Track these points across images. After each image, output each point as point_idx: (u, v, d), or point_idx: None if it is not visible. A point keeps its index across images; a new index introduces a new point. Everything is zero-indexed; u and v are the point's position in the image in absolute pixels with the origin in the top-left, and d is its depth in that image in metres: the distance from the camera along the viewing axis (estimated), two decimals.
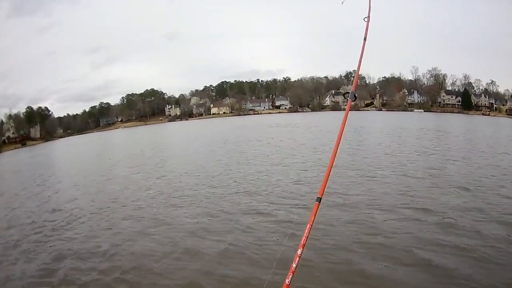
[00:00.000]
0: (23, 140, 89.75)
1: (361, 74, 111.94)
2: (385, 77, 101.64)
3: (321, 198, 2.38)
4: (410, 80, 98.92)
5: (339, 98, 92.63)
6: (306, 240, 2.27)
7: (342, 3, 3.35)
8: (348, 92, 2.70)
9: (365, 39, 2.94)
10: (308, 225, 2.32)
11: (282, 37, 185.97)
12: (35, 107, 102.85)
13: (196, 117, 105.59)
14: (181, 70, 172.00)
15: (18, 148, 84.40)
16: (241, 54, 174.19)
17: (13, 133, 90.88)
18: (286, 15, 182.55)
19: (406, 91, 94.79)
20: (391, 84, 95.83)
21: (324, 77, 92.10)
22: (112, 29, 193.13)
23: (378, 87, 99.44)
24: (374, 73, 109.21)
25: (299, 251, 2.24)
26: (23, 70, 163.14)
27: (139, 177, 14.25)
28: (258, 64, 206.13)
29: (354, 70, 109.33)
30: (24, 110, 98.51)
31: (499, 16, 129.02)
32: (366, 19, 3.00)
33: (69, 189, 13.44)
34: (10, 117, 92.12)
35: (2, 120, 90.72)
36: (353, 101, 2.57)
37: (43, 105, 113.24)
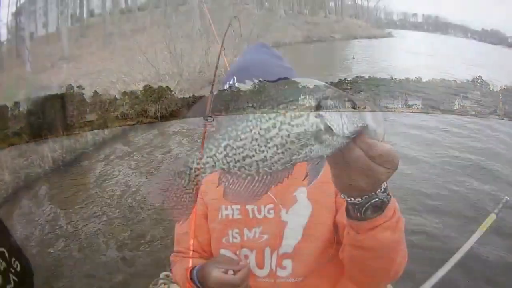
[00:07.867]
0: None
1: (486, 80, 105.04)
2: (506, 85, 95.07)
3: None
4: None
5: None
6: None
7: None
8: None
9: None
10: None
11: None
12: None
13: None
14: None
15: None
16: None
17: None
18: None
19: None
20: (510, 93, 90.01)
21: None
22: None
23: (500, 95, 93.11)
24: (495, 81, 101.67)
25: None
26: None
27: None
28: None
29: None
30: None
31: None
32: None
33: None
34: None
35: None
36: None
37: None
